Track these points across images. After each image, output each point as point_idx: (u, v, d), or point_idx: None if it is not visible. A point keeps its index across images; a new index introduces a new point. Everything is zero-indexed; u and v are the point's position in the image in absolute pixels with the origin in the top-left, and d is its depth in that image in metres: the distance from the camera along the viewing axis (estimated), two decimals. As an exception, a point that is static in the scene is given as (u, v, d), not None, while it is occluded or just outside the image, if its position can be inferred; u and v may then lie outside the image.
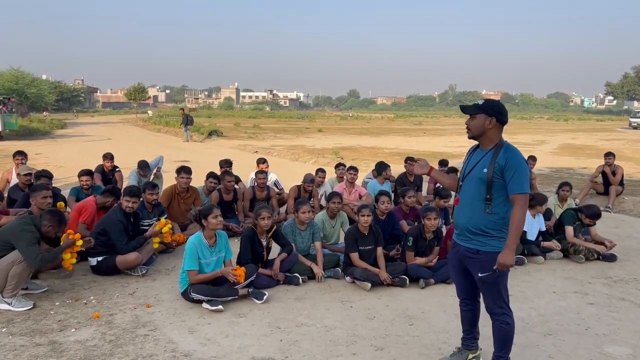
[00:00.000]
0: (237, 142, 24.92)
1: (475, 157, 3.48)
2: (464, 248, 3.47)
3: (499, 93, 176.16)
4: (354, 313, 4.82)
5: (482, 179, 3.33)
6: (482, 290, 3.50)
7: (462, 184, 3.50)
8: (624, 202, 10.20)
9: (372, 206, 6.14)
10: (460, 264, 3.57)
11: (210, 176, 7.94)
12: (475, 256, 3.40)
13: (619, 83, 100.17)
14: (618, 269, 6.33)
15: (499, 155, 3.31)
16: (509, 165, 3.25)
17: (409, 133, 37.69)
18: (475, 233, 3.38)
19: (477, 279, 3.44)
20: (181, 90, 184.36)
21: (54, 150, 20.05)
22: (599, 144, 27.35)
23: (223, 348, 4.04)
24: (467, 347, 3.81)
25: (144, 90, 65.42)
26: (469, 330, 3.79)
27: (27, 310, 4.61)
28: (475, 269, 3.43)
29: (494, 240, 3.34)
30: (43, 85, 46.51)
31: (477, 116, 3.38)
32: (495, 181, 3.29)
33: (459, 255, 3.54)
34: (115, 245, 5.58)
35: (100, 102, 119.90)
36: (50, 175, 7.13)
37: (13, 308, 4.60)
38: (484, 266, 3.35)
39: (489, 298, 3.47)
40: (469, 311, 3.76)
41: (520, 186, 3.24)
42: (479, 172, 3.36)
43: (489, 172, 3.30)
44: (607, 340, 4.33)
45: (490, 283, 3.39)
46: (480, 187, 3.35)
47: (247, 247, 5.46)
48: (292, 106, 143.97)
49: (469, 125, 3.44)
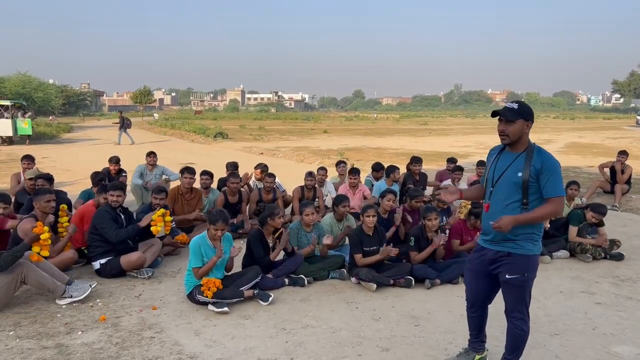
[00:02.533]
0: (243, 144, 24.95)
1: (504, 161, 3.41)
2: (493, 252, 3.43)
3: (504, 92, 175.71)
4: (360, 314, 4.81)
5: (517, 183, 3.28)
6: (506, 292, 3.46)
7: (494, 189, 3.42)
8: (631, 201, 10.14)
9: (376, 207, 6.13)
10: (483, 268, 3.52)
11: (203, 173, 7.96)
12: (505, 259, 3.37)
13: (626, 81, 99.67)
14: (625, 268, 6.29)
15: (533, 158, 3.27)
16: (545, 168, 3.24)
17: (414, 133, 37.61)
18: (510, 239, 3.33)
19: (503, 280, 3.40)
20: (187, 92, 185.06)
21: (60, 154, 20.16)
22: (606, 142, 27.19)
23: (229, 350, 4.05)
24: (474, 349, 3.82)
25: (149, 93, 65.79)
26: (477, 334, 3.79)
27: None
28: (503, 270, 3.38)
29: (527, 243, 3.33)
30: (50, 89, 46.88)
31: (516, 121, 3.29)
32: (531, 184, 3.26)
33: (485, 260, 3.49)
34: (105, 234, 5.62)
35: (106, 105, 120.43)
36: (48, 176, 6.95)
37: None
38: (513, 268, 3.34)
39: (511, 301, 3.44)
40: (477, 317, 3.74)
41: (557, 189, 3.25)
42: (513, 176, 3.31)
43: (524, 175, 3.26)
44: (614, 340, 4.30)
45: (516, 286, 3.37)
46: (515, 191, 3.30)
47: (255, 247, 5.48)
48: (297, 107, 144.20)
49: (505, 131, 3.32)
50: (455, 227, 6.23)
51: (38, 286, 4.87)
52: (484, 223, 3.52)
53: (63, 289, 4.86)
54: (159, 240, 6.24)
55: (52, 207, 5.49)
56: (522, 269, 3.32)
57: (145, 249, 5.93)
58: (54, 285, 4.84)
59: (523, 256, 3.31)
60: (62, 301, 4.86)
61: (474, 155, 20.32)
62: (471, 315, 3.76)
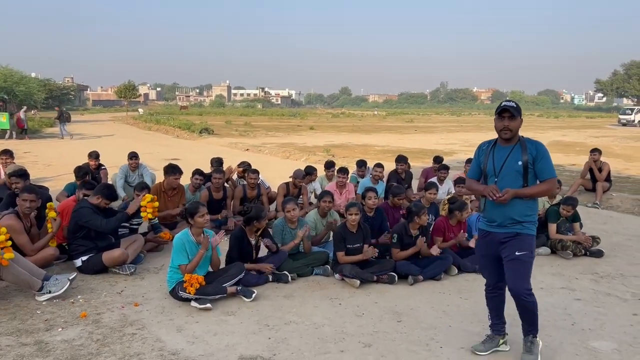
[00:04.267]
0: (229, 140, 24.85)
1: (500, 153, 3.78)
2: (502, 234, 3.76)
3: (490, 90, 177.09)
4: (343, 310, 4.83)
5: (519, 171, 3.69)
6: (513, 271, 3.75)
7: (498, 178, 3.75)
8: (612, 199, 10.29)
9: (360, 205, 6.15)
10: (493, 250, 3.84)
11: (195, 173, 7.91)
12: (514, 238, 3.73)
13: (609, 80, 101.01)
14: (605, 265, 6.39)
15: (527, 146, 3.70)
16: (540, 154, 3.68)
17: (400, 130, 37.76)
18: (517, 221, 3.71)
19: (513, 257, 3.71)
20: (172, 88, 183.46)
21: (42, 149, 19.88)
22: (589, 141, 27.54)
23: (211, 346, 4.03)
24: (498, 333, 4.05)
25: (134, 88, 65.05)
26: (499, 315, 4.05)
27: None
28: (512, 249, 3.72)
29: (531, 225, 3.75)
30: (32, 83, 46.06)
31: (517, 118, 3.70)
32: (530, 170, 3.68)
33: (493, 243, 3.82)
34: (93, 226, 5.58)
35: (90, 100, 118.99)
36: (20, 173, 6.60)
37: None
38: (523, 246, 3.71)
39: (517, 279, 3.74)
40: (497, 297, 4.01)
41: (550, 172, 3.70)
42: (514, 165, 3.69)
43: (523, 162, 3.67)
44: (592, 336, 4.37)
45: (524, 261, 3.71)
46: (517, 179, 3.69)
47: (236, 246, 5.47)
48: (284, 104, 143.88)
49: (509, 126, 3.69)
50: (437, 224, 6.26)
51: (14, 281, 4.80)
52: (491, 211, 3.80)
53: (40, 284, 4.80)
54: (141, 237, 6.20)
55: (27, 208, 5.40)
56: (529, 247, 3.73)
57: (127, 245, 5.88)
58: (31, 280, 4.78)
59: (529, 235, 3.74)
60: (41, 297, 4.80)
61: (459, 152, 20.47)
62: (492, 297, 4.03)
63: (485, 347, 4.00)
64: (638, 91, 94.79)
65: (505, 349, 4.03)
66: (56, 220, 5.63)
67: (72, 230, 5.66)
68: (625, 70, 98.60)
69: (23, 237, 5.36)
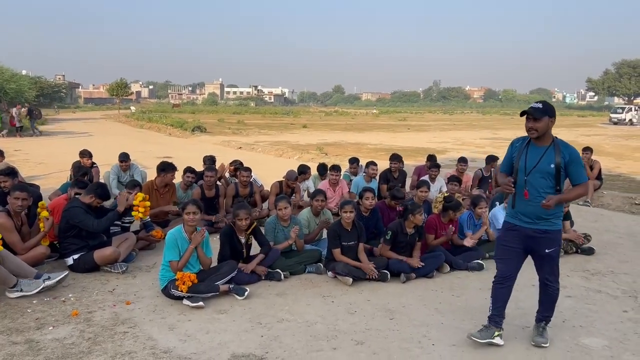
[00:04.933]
0: (221, 138, 24.77)
1: (534, 154, 3.92)
2: (530, 230, 3.95)
3: (482, 89, 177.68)
4: (335, 308, 4.83)
5: (551, 173, 3.85)
6: (544, 264, 4.06)
7: (527, 177, 3.90)
8: (603, 197, 10.36)
9: (355, 203, 6.16)
10: (519, 243, 4.03)
11: (187, 171, 7.88)
12: (543, 235, 3.94)
13: (600, 79, 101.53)
14: (596, 262, 6.43)
15: (560, 151, 3.85)
16: (573, 159, 3.85)
17: (393, 129, 37.81)
18: (545, 218, 3.90)
19: (543, 254, 3.99)
20: (164, 86, 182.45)
21: (33, 147, 19.73)
22: (580, 139, 27.68)
23: (203, 344, 4.02)
24: (495, 325, 4.13)
25: (126, 86, 64.64)
26: (501, 307, 4.16)
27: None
28: (542, 246, 3.96)
29: (557, 220, 3.97)
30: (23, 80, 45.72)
31: (542, 119, 3.82)
32: (562, 173, 3.85)
33: (520, 237, 4.01)
34: (85, 226, 5.55)
35: (82, 98, 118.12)
36: (7, 172, 6.52)
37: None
38: (552, 243, 3.96)
39: (548, 270, 4.07)
40: (504, 289, 4.15)
41: (582, 176, 3.90)
42: (546, 167, 3.85)
43: (556, 166, 3.83)
44: (583, 332, 4.40)
45: (553, 257, 4.02)
46: (549, 180, 3.86)
47: (226, 244, 5.46)
48: (277, 102, 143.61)
49: (534, 127, 3.84)
50: (430, 221, 6.28)
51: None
52: (521, 207, 3.97)
53: (15, 281, 4.76)
54: (133, 235, 6.18)
55: (19, 206, 5.36)
56: (557, 242, 4.01)
57: (119, 243, 5.85)
58: (6, 275, 4.71)
59: (557, 231, 3.98)
60: (11, 294, 4.76)
61: (451, 151, 20.55)
62: (500, 288, 4.15)
63: (482, 336, 4.09)
64: (629, 90, 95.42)
65: (499, 342, 4.07)
66: (49, 220, 5.58)
67: (64, 229, 5.61)
68: (617, 69, 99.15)
69: (14, 235, 5.32)
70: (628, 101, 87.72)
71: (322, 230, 6.44)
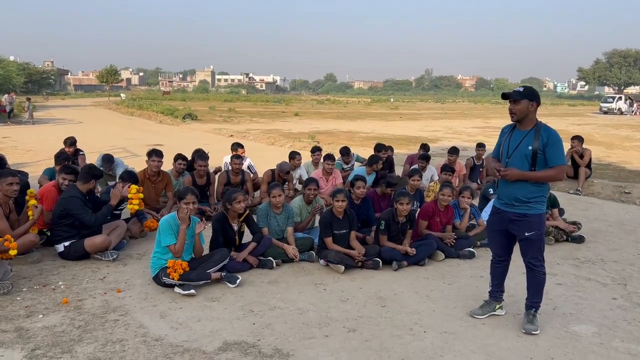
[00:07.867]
0: (212, 126, 24.62)
1: (516, 137, 3.98)
2: (511, 213, 4.02)
3: (474, 78, 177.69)
4: (327, 295, 4.84)
5: (528, 155, 3.87)
6: (526, 247, 4.06)
7: (509, 160, 3.97)
8: (593, 185, 10.43)
9: (347, 191, 6.14)
10: (503, 226, 4.12)
11: (178, 157, 7.80)
12: (522, 219, 3.97)
13: (591, 69, 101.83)
14: (586, 250, 6.48)
15: (540, 133, 3.87)
16: (550, 141, 3.84)
17: (385, 117, 37.78)
18: (523, 201, 3.94)
19: (522, 238, 4.01)
20: (155, 73, 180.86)
21: (22, 134, 19.51)
22: (570, 128, 27.81)
23: (195, 332, 4.01)
24: (495, 299, 4.38)
25: (116, 73, 64.13)
26: (499, 284, 4.37)
27: None
28: (522, 230, 3.99)
29: (537, 204, 3.96)
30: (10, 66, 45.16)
31: (521, 102, 3.87)
32: (539, 156, 3.85)
33: (503, 220, 4.09)
34: (81, 220, 5.49)
35: (71, 84, 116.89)
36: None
37: None
38: (531, 226, 3.96)
39: (531, 253, 4.06)
40: (501, 267, 4.33)
41: (560, 158, 3.87)
42: (525, 149, 3.89)
43: (533, 148, 3.84)
44: (573, 319, 4.43)
45: (534, 240, 4.00)
46: (526, 162, 3.89)
47: (219, 231, 5.43)
48: (268, 90, 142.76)
49: (513, 110, 3.91)
50: (425, 208, 6.28)
51: None
52: (500, 190, 4.09)
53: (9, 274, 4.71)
54: (123, 223, 6.13)
55: (14, 191, 5.29)
56: (537, 226, 3.97)
57: (109, 231, 5.81)
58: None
59: (536, 215, 3.96)
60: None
61: (443, 140, 20.58)
62: (496, 267, 4.34)
63: (483, 311, 4.32)
64: (619, 79, 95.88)
65: (501, 313, 4.36)
66: (37, 208, 5.51)
67: (58, 216, 5.54)
68: (607, 58, 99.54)
69: (2, 222, 5.24)
70: (618, 91, 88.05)
71: (314, 217, 6.42)
